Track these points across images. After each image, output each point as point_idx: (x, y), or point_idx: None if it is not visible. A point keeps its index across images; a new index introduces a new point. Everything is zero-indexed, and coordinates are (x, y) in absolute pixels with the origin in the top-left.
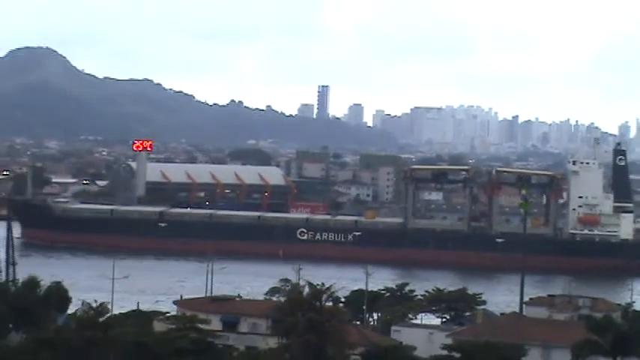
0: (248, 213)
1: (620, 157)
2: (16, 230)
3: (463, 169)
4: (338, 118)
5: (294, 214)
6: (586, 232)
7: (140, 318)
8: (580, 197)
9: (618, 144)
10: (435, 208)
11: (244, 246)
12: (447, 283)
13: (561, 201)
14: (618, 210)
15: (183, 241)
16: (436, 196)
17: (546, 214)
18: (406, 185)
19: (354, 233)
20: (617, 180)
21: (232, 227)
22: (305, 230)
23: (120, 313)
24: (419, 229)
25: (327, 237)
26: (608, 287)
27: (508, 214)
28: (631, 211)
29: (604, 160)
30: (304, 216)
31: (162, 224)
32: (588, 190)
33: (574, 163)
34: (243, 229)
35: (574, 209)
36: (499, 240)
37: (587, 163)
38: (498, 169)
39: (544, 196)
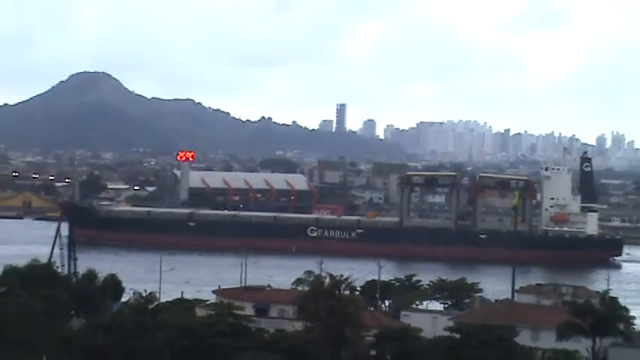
0: (265, 213)
1: (586, 164)
2: (66, 230)
3: (450, 175)
4: (354, 132)
5: (304, 215)
6: (557, 228)
7: (184, 305)
8: (552, 199)
9: (584, 153)
10: (439, 209)
11: (262, 242)
12: (439, 274)
13: (535, 202)
14: (585, 209)
15: (210, 238)
16: (439, 199)
17: (523, 213)
18: (402, 189)
19: (357, 230)
20: (584, 184)
21: (252, 226)
22: (314, 228)
23: (167, 301)
24: (413, 227)
25: (334, 234)
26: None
27: (499, 214)
28: (595, 211)
29: (573, 166)
30: (314, 216)
31: (192, 224)
32: (559, 192)
33: (546, 169)
34: (261, 228)
35: (547, 209)
36: (482, 236)
37: (558, 169)
38: (481, 174)
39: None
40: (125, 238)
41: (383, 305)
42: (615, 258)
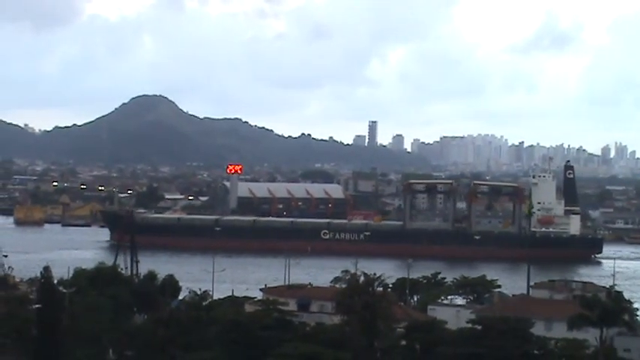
0: (283, 219)
1: (569, 171)
2: (106, 235)
3: (447, 183)
4: (384, 146)
5: (318, 220)
6: (544, 229)
7: (234, 302)
8: (538, 203)
9: (567, 161)
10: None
11: (280, 244)
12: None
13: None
14: (568, 212)
15: (234, 241)
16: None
17: (513, 216)
18: (405, 195)
19: (365, 233)
20: (567, 189)
21: (271, 230)
22: (327, 231)
23: (219, 298)
24: (414, 229)
25: (344, 236)
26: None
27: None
28: (578, 213)
29: (559, 173)
30: (326, 220)
31: (218, 228)
32: (545, 197)
33: (533, 176)
34: (279, 231)
35: (534, 212)
36: (476, 237)
37: (544, 177)
38: (475, 182)
39: (512, 203)
40: (158, 242)
41: (412, 300)
42: (596, 255)
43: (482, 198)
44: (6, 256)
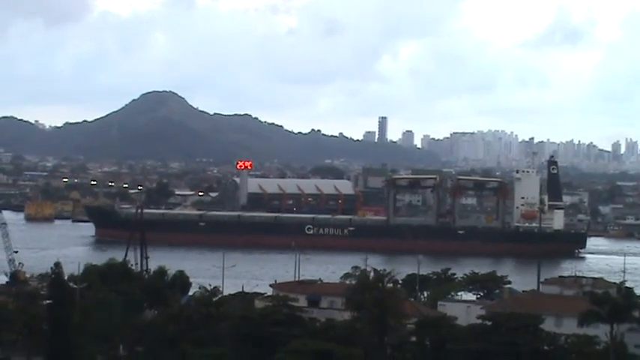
0: (267, 214)
1: (553, 166)
2: (91, 230)
3: (432, 178)
4: (394, 142)
5: (303, 214)
6: (527, 224)
7: (244, 297)
8: (522, 198)
9: (551, 156)
10: (471, 210)
11: (264, 239)
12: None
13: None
14: (552, 207)
15: (218, 236)
16: (471, 200)
17: (497, 211)
18: (388, 191)
19: (349, 228)
20: (551, 184)
21: (255, 225)
22: (311, 226)
23: (229, 294)
24: (398, 224)
25: (328, 231)
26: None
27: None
28: (562, 208)
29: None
30: (310, 215)
31: (202, 224)
32: (528, 192)
33: (517, 172)
34: (263, 227)
35: (518, 207)
36: (460, 232)
37: (527, 172)
38: (459, 177)
39: (496, 198)
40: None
41: (422, 296)
42: (579, 250)
43: (487, 194)
44: (16, 252)
